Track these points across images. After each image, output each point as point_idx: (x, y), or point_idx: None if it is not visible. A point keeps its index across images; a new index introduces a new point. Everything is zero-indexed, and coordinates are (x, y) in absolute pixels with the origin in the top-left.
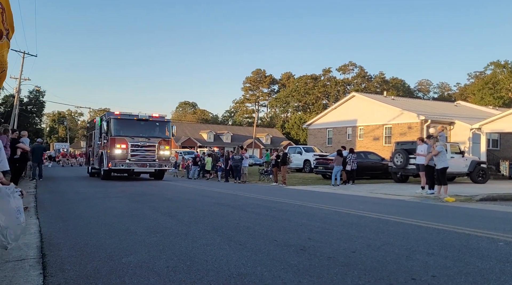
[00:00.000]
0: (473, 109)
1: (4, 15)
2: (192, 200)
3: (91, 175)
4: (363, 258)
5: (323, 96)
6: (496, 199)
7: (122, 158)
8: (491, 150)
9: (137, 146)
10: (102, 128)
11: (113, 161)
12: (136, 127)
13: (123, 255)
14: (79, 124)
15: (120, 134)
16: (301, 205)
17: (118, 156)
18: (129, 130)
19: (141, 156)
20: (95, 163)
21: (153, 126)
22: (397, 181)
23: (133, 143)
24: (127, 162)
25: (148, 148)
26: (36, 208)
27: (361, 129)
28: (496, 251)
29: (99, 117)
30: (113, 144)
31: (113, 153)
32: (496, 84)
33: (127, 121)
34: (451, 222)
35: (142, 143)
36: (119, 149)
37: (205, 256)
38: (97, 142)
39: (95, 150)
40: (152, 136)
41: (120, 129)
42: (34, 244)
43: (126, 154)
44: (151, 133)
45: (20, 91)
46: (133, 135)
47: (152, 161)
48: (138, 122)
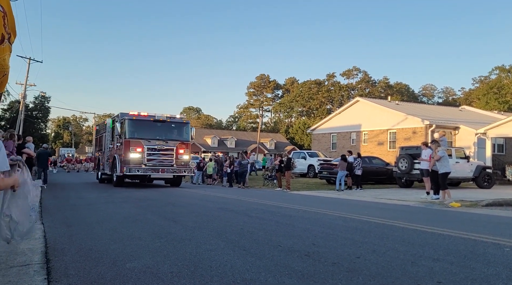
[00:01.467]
0: (478, 113)
1: (5, 19)
2: (196, 205)
3: (101, 181)
4: (368, 264)
5: (327, 101)
6: (502, 204)
7: (138, 163)
8: (496, 155)
9: (154, 150)
10: (115, 130)
11: (128, 166)
12: (152, 129)
13: (127, 260)
14: (84, 129)
15: (135, 137)
16: (305, 210)
17: (133, 160)
18: (145, 132)
19: (158, 160)
20: (106, 169)
21: (171, 128)
22: (401, 186)
23: (149, 146)
24: (143, 167)
25: (166, 152)
26: (41, 214)
27: (365, 134)
28: (503, 257)
29: (111, 119)
30: (127, 148)
31: (127, 158)
32: (501, 88)
33: (143, 122)
34: (457, 227)
35: (159, 146)
36: (134, 153)
37: (209, 261)
38: (109, 146)
39: (106, 155)
40: (169, 139)
41: (136, 131)
42: (38, 249)
43: (141, 159)
44: (169, 135)
45: (26, 96)
46: (149, 138)
47: (170, 166)
48: (155, 123)
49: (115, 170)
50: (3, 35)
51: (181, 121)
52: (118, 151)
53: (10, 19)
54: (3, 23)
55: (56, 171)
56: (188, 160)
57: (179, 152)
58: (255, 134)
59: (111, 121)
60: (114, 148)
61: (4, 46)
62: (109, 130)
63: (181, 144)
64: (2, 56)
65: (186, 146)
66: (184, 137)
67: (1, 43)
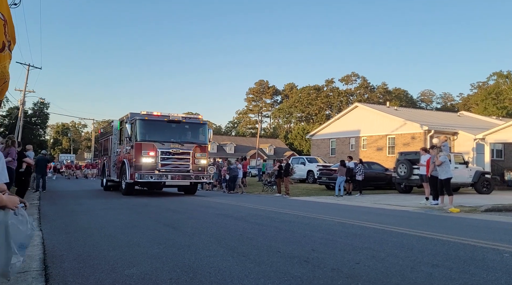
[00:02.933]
0: (477, 119)
1: (6, 27)
2: (195, 211)
3: (106, 189)
4: (367, 270)
5: (326, 107)
6: (501, 210)
7: (150, 169)
8: (495, 160)
9: (169, 154)
10: (124, 132)
11: (139, 172)
12: (166, 130)
13: (125, 267)
14: (83, 135)
15: (147, 139)
16: (305, 216)
17: (146, 165)
18: (158, 134)
19: (173, 166)
20: (113, 175)
21: (186, 129)
22: (401, 191)
23: (163, 149)
24: (156, 173)
25: (182, 156)
26: (39, 220)
27: (364, 139)
28: (502, 263)
29: (119, 120)
30: (139, 151)
31: (139, 162)
32: (499, 94)
33: (156, 123)
34: (456, 233)
35: (175, 149)
36: (146, 157)
37: (208, 267)
38: (116, 150)
39: (113, 159)
40: (185, 142)
41: (148, 132)
42: (37, 256)
43: (155, 164)
44: (185, 137)
45: (25, 103)
46: (163, 140)
47: (186, 172)
48: (169, 124)
49: (124, 177)
50: (3, 43)
51: (198, 121)
52: (127, 156)
53: (10, 27)
54: (3, 31)
55: (55, 178)
56: (206, 165)
57: (196, 156)
58: (254, 140)
59: (119, 123)
60: (122, 152)
61: (5, 53)
62: (116, 133)
63: (198, 147)
64: (2, 64)
65: (204, 150)
66: (201, 139)
67: (2, 51)
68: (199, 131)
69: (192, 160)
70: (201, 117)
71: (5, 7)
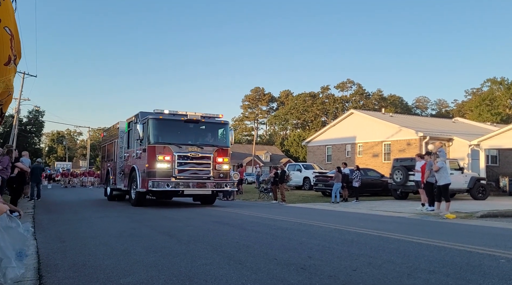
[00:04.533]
0: (471, 125)
1: (13, 42)
2: (192, 219)
3: (111, 199)
4: (364, 277)
5: (322, 114)
6: (497, 216)
7: (166, 176)
8: (490, 166)
9: (186, 158)
10: (133, 135)
11: (153, 179)
12: (183, 131)
13: (121, 275)
14: (78, 143)
15: (162, 141)
16: (301, 223)
17: (161, 172)
18: (174, 136)
19: (192, 172)
20: (119, 183)
21: (206, 130)
22: (397, 198)
23: (180, 153)
24: (172, 181)
25: (201, 161)
26: (34, 229)
27: (360, 146)
28: (498, 269)
29: (126, 121)
30: (152, 155)
31: (152, 168)
32: (493, 100)
33: (171, 123)
34: (452, 239)
35: (193, 153)
36: (161, 162)
37: (204, 275)
38: (123, 154)
39: (118, 166)
40: (205, 144)
41: (162, 134)
42: (31, 266)
43: (171, 169)
44: (204, 139)
45: (20, 111)
46: (179, 143)
47: (207, 179)
48: (186, 124)
49: (133, 185)
50: (9, 57)
51: (218, 121)
52: (137, 161)
53: (16, 42)
54: (10, 45)
55: (51, 186)
56: (228, 171)
57: (217, 161)
58: (250, 147)
59: (127, 124)
60: (131, 157)
61: (10, 67)
62: (122, 135)
63: (220, 151)
64: (7, 77)
65: (226, 153)
66: (223, 141)
67: (8, 64)
68: (220, 132)
69: (213, 166)
70: (222, 116)
71: (13, 22)
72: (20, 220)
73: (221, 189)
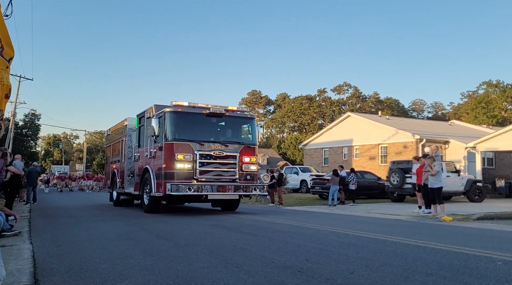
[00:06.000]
0: (467, 128)
1: None
2: (189, 222)
3: (118, 204)
4: (361, 279)
5: (319, 116)
6: (493, 218)
7: (186, 177)
8: (486, 168)
9: (209, 157)
10: (147, 131)
11: (172, 182)
12: (205, 126)
13: (117, 279)
14: (74, 146)
15: (182, 138)
16: (298, 225)
17: (180, 173)
18: (194, 131)
19: (215, 173)
20: (128, 186)
21: (230, 126)
22: (394, 200)
23: (202, 152)
24: (194, 183)
25: (225, 161)
26: (30, 233)
27: (357, 148)
28: (495, 271)
29: (137, 116)
30: (170, 154)
31: (171, 169)
32: (489, 103)
33: (192, 117)
34: (449, 241)
35: (217, 152)
36: (181, 162)
37: (201, 279)
38: (134, 154)
39: (126, 167)
40: (229, 141)
41: (182, 129)
42: (27, 270)
43: (192, 170)
44: (228, 136)
45: (16, 114)
46: (201, 140)
47: (232, 181)
48: (209, 119)
49: (146, 189)
50: None
51: (244, 115)
52: (152, 161)
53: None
54: None
55: (48, 191)
56: (256, 172)
57: (244, 161)
58: None
59: (137, 120)
60: (143, 157)
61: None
62: (131, 133)
63: (246, 149)
64: None
65: (253, 152)
66: (249, 138)
67: None
68: (246, 128)
69: (239, 166)
70: (246, 110)
71: None
72: (16, 224)
73: (249, 193)
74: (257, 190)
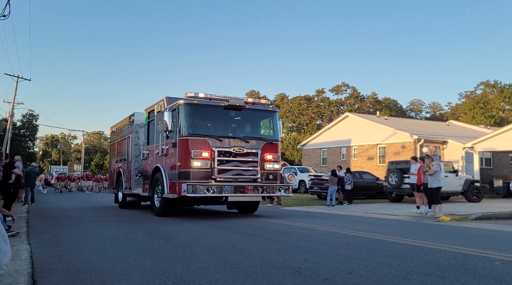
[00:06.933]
0: (465, 128)
1: None
2: (187, 222)
3: (124, 206)
4: (360, 279)
5: (317, 117)
6: (491, 218)
7: (203, 177)
8: (484, 168)
9: (229, 154)
10: (157, 126)
11: (187, 182)
12: (223, 120)
13: (116, 280)
14: (72, 147)
15: (198, 133)
16: (297, 226)
17: (197, 172)
18: (211, 126)
19: (235, 172)
20: (135, 187)
21: (248, 120)
22: (392, 200)
23: (221, 149)
24: (212, 184)
25: (246, 158)
26: (28, 233)
27: (355, 149)
28: (493, 271)
29: (146, 111)
30: (185, 151)
31: (186, 167)
32: (487, 103)
33: (209, 109)
34: (447, 241)
35: (237, 148)
36: (198, 160)
37: (200, 279)
38: (142, 152)
39: (133, 166)
40: (250, 137)
41: (198, 123)
42: (25, 271)
43: (209, 169)
44: (247, 131)
45: (13, 115)
46: (220, 135)
47: (253, 181)
48: (227, 112)
49: (157, 190)
50: None
51: (265, 108)
52: (164, 159)
53: None
54: None
55: (46, 191)
56: (279, 171)
57: (266, 158)
58: None
59: (146, 115)
60: (153, 155)
61: None
62: (138, 130)
63: (268, 146)
64: None
65: (275, 149)
66: (271, 134)
67: None
68: (268, 123)
69: (261, 165)
70: (265, 102)
71: None
72: (14, 224)
73: (273, 194)
74: (282, 191)
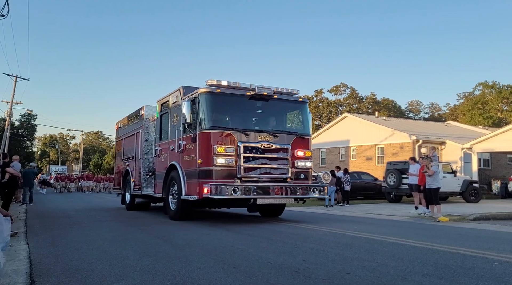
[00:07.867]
0: (464, 129)
1: None
2: (185, 222)
3: (131, 208)
4: (358, 280)
5: (316, 117)
6: (489, 219)
7: (228, 176)
8: (482, 169)
9: (256, 150)
10: (172, 119)
11: (210, 181)
12: (248, 112)
13: (114, 280)
14: (71, 147)
15: (222, 126)
16: (296, 226)
17: (220, 171)
18: (236, 119)
19: (264, 171)
20: (145, 187)
21: (277, 111)
22: (390, 201)
23: (247, 144)
24: (238, 184)
25: (275, 155)
26: (26, 234)
27: (354, 149)
28: (491, 271)
29: (158, 103)
30: (207, 147)
31: (208, 165)
32: (485, 104)
33: (232, 99)
34: (446, 242)
35: (266, 144)
36: (222, 157)
37: (198, 280)
38: (154, 148)
39: (143, 164)
40: (279, 131)
41: (221, 116)
42: (23, 271)
43: (235, 167)
44: (274, 124)
45: (12, 114)
46: (245, 129)
47: (283, 181)
48: (253, 102)
49: (173, 190)
50: None
51: (296, 99)
52: (181, 155)
53: None
54: None
55: (45, 192)
56: (311, 170)
57: (297, 155)
58: None
59: (159, 108)
60: (167, 152)
61: None
62: (148, 124)
63: (299, 141)
64: None
65: (307, 145)
66: (301, 128)
67: None
68: (297, 115)
69: (292, 162)
70: (295, 92)
71: None
72: (12, 224)
73: (307, 196)
74: (316, 192)
